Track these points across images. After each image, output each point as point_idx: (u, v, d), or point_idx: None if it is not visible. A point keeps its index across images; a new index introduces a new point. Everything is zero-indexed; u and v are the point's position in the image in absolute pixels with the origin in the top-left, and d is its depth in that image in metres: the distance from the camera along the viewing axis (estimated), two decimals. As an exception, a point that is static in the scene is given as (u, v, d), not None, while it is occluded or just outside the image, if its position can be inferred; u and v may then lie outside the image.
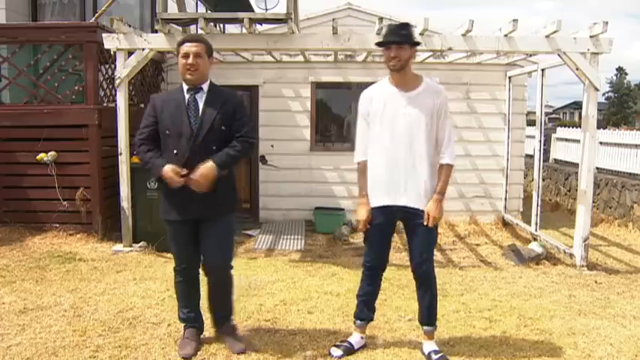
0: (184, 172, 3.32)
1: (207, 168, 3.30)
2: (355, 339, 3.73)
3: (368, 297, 3.72)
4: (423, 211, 3.46)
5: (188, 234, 3.53)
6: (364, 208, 3.54)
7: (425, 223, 3.46)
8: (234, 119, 3.47)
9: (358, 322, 3.75)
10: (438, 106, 3.46)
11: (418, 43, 3.55)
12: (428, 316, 3.66)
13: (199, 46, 3.42)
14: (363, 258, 3.69)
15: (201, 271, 3.67)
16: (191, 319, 3.69)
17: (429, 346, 3.64)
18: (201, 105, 3.45)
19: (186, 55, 3.39)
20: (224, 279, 3.66)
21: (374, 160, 3.54)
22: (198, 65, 3.39)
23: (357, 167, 3.66)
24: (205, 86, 3.49)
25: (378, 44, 3.54)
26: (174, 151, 3.40)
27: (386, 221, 3.54)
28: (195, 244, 3.55)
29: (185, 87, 3.49)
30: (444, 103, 3.49)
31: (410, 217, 3.50)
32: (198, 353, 3.58)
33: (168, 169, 3.31)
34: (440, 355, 3.57)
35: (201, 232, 3.51)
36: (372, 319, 3.80)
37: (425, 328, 3.69)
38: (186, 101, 3.45)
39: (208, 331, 3.84)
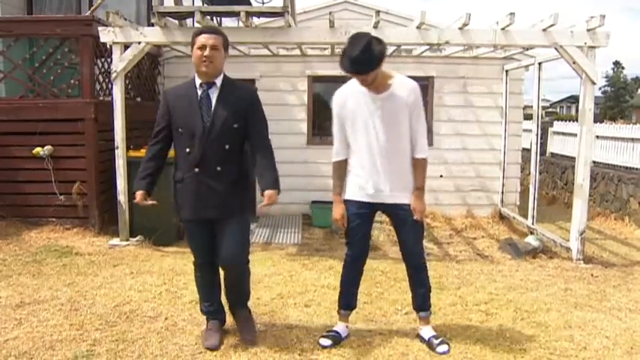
0: (149, 202, 3.54)
1: (272, 196, 3.38)
2: (341, 328, 3.79)
3: (352, 285, 3.80)
4: (407, 205, 3.53)
5: (204, 231, 3.49)
6: (339, 206, 3.65)
7: (415, 219, 3.54)
8: (248, 117, 3.40)
9: (343, 311, 3.84)
10: (411, 102, 3.46)
11: (383, 56, 3.31)
12: (422, 301, 3.75)
13: (217, 38, 3.30)
14: (347, 247, 3.75)
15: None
16: (212, 313, 3.70)
17: (428, 331, 3.73)
18: (213, 101, 3.35)
19: (202, 47, 3.26)
20: (240, 274, 3.60)
21: (356, 162, 3.60)
22: (214, 58, 3.28)
23: (332, 166, 3.71)
24: (219, 81, 3.38)
25: (341, 67, 3.38)
26: (187, 150, 3.35)
27: (367, 212, 3.62)
28: (212, 240, 3.51)
29: (198, 81, 3.39)
30: (417, 97, 3.49)
31: (395, 211, 3.58)
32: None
33: (138, 196, 3.53)
34: (441, 339, 3.66)
35: (217, 230, 3.46)
36: (354, 308, 3.88)
37: (421, 314, 3.78)
38: (199, 97, 3.35)
39: (230, 323, 3.83)
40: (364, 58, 3.26)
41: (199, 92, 3.36)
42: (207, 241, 3.51)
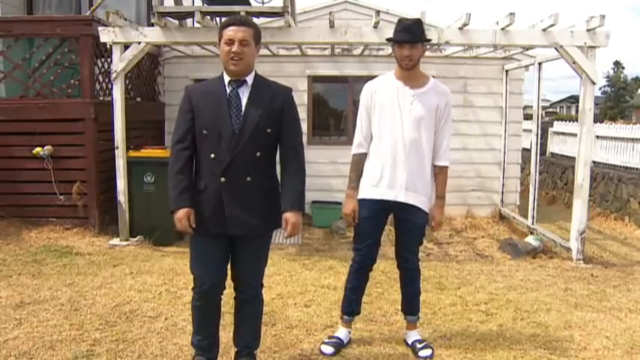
0: (192, 227, 2.94)
1: (294, 219, 2.93)
2: (343, 333, 3.72)
3: (357, 292, 3.71)
4: (419, 210, 3.48)
5: (221, 246, 3.01)
6: (352, 201, 3.55)
7: (430, 227, 3.53)
8: (282, 122, 2.98)
9: (346, 317, 3.75)
10: (442, 107, 3.46)
11: (430, 40, 3.48)
12: (411, 305, 3.73)
13: (246, 31, 2.88)
14: (354, 252, 3.62)
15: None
16: (203, 348, 3.17)
17: (413, 335, 3.71)
18: (244, 102, 2.93)
19: (230, 42, 2.86)
20: (257, 300, 3.20)
21: (376, 153, 3.52)
22: (244, 54, 2.88)
23: (351, 158, 3.63)
24: (250, 79, 2.98)
25: (390, 40, 3.46)
26: (212, 155, 2.91)
27: (380, 215, 3.53)
28: (224, 262, 3.05)
29: (226, 78, 2.98)
30: (448, 104, 3.48)
31: (405, 212, 3.50)
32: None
33: (183, 217, 2.91)
34: (424, 343, 3.63)
35: (238, 248, 3.04)
36: (358, 314, 3.79)
37: (409, 317, 3.76)
38: (227, 96, 2.94)
39: (224, 356, 3.46)
40: (416, 28, 3.37)
41: (228, 90, 2.96)
42: (223, 258, 3.04)
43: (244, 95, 2.96)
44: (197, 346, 3.17)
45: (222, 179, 2.89)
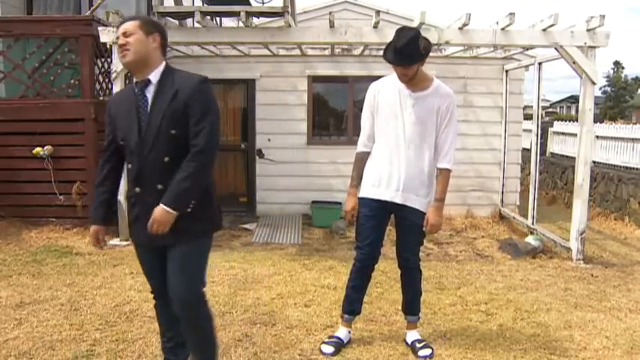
0: (103, 245, 3.08)
1: (158, 214, 2.61)
2: (343, 333, 3.72)
3: (358, 291, 3.70)
4: (417, 210, 3.47)
5: (154, 257, 2.91)
6: (352, 199, 3.55)
7: (424, 230, 3.48)
8: (187, 118, 2.66)
9: (346, 316, 3.75)
10: (443, 109, 3.42)
11: (424, 56, 3.32)
12: (412, 305, 3.73)
13: (130, 24, 2.71)
14: (356, 251, 3.63)
15: None
16: (167, 351, 3.07)
17: (413, 335, 3.71)
18: (149, 103, 2.72)
19: (118, 38, 2.74)
20: (193, 316, 2.83)
21: (376, 153, 3.54)
22: (129, 44, 2.67)
23: (355, 156, 3.64)
24: (154, 76, 2.73)
25: (384, 58, 3.41)
26: (129, 165, 2.78)
27: (380, 214, 3.52)
28: (164, 267, 2.88)
29: (134, 81, 2.81)
30: (450, 106, 3.43)
31: (404, 213, 3.50)
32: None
33: (92, 234, 3.00)
34: (423, 343, 3.63)
35: (167, 256, 2.83)
36: (359, 313, 3.78)
37: (409, 317, 3.76)
38: (135, 100, 2.75)
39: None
40: (408, 49, 3.27)
41: (136, 94, 2.76)
42: (158, 269, 2.90)
43: (150, 96, 2.73)
44: (163, 349, 3.10)
45: (137, 189, 2.77)
